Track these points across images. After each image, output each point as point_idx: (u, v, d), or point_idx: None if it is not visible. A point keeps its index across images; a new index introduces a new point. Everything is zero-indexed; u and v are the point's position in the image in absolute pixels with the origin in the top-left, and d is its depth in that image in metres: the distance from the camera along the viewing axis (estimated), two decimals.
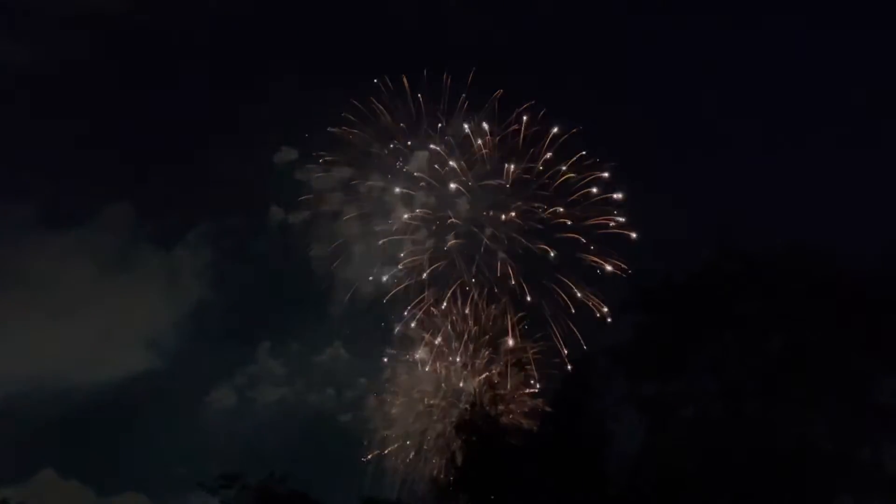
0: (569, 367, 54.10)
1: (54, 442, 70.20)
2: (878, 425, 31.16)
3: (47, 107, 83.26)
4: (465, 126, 67.29)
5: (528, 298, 62.93)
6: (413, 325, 66.46)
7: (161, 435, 72.09)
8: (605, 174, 62.97)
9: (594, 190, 63.34)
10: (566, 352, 57.46)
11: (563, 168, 63.93)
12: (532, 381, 59.31)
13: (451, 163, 67.23)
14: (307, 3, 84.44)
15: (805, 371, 31.93)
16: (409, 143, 69.12)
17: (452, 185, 67.84)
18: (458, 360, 64.95)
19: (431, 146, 68.17)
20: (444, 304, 66.17)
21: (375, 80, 66.60)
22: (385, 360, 67.85)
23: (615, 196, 62.76)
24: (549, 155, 64.58)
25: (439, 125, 67.59)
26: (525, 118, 65.63)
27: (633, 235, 62.10)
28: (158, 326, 76.54)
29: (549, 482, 32.93)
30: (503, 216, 66.73)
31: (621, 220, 62.18)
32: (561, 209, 64.94)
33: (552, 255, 63.54)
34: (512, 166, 66.92)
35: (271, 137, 75.76)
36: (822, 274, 32.97)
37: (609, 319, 55.02)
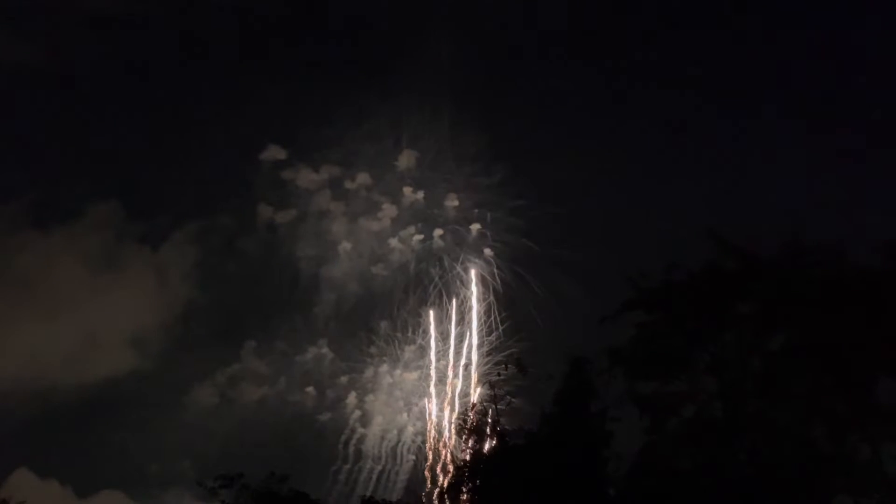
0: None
1: (32, 441, 70.35)
2: (878, 425, 31.13)
3: (36, 105, 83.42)
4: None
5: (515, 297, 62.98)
6: (397, 324, 66.52)
7: (140, 434, 72.20)
8: None
9: None
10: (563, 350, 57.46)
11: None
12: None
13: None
14: (299, 4, 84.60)
15: (805, 371, 31.92)
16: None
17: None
18: (441, 360, 64.91)
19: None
20: (430, 302, 66.24)
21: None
22: (368, 359, 67.85)
23: None
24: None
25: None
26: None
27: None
28: (145, 326, 76.69)
29: (548, 482, 32.87)
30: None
31: None
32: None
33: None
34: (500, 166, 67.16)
35: (259, 136, 75.71)
36: (822, 273, 32.96)
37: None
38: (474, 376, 63.21)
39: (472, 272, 66.57)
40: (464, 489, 36.57)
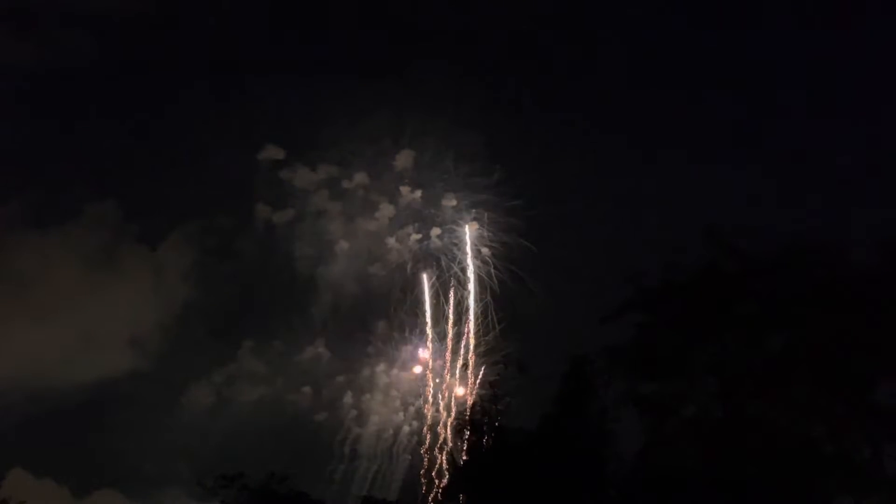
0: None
1: (28, 441, 70.04)
2: (878, 425, 31.17)
3: (31, 105, 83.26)
4: None
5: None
6: (394, 323, 66.62)
7: (136, 434, 71.93)
8: None
9: None
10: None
11: None
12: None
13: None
14: (296, 3, 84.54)
15: (805, 371, 31.95)
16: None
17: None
18: (437, 360, 65.01)
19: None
20: (427, 302, 66.33)
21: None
22: (365, 358, 67.94)
23: None
24: None
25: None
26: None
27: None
28: (142, 326, 76.20)
29: (548, 482, 32.85)
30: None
31: None
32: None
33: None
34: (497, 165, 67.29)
35: (257, 136, 75.52)
36: (821, 274, 33.00)
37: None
38: (471, 377, 63.22)
39: (470, 272, 66.64)
40: (462, 489, 36.57)
